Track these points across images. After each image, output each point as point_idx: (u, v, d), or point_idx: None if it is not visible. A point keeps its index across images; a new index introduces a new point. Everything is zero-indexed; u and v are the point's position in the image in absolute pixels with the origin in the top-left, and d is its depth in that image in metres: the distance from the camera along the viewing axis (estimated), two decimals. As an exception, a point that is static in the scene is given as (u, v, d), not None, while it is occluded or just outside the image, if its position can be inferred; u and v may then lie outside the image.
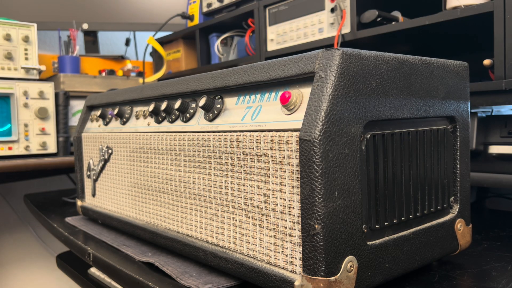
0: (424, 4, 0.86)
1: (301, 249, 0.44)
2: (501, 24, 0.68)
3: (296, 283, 0.44)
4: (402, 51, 0.62)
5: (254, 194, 0.49)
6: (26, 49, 1.24)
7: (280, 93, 0.48)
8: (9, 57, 1.21)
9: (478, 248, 0.65)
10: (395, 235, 0.50)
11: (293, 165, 0.44)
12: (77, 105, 1.36)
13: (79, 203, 0.91)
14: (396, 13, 0.91)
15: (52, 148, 1.27)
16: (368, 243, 0.46)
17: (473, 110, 0.80)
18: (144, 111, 0.72)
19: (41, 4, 1.58)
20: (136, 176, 0.71)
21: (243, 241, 0.51)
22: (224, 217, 0.54)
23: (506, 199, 1.02)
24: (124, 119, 0.75)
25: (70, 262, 1.06)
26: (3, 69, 1.21)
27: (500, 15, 0.68)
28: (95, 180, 0.84)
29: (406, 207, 0.51)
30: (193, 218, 0.59)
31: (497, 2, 0.68)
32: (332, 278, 0.42)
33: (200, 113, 0.59)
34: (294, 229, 0.45)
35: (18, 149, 1.19)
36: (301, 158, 0.42)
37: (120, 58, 1.59)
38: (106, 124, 0.81)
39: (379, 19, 0.87)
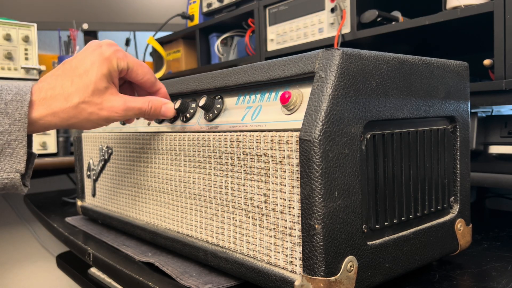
0: (424, 4, 0.86)
1: (301, 249, 0.44)
2: (501, 24, 0.68)
3: (296, 283, 0.44)
4: (402, 51, 0.62)
5: (254, 194, 0.49)
6: (26, 49, 1.24)
7: (280, 93, 0.48)
8: (9, 57, 1.21)
9: (478, 248, 0.65)
10: (395, 235, 0.50)
11: (293, 165, 0.44)
12: (77, 105, 1.36)
13: (79, 203, 0.91)
14: (396, 13, 0.91)
15: (52, 148, 1.27)
16: (368, 243, 0.46)
17: (473, 110, 0.80)
18: (144, 111, 0.71)
19: (41, 4, 1.58)
20: (136, 176, 0.71)
21: (243, 241, 0.51)
22: (224, 217, 0.54)
23: (506, 199, 1.02)
24: (124, 119, 0.75)
25: (70, 262, 1.06)
26: (3, 69, 1.21)
27: (500, 15, 0.68)
28: (95, 180, 0.84)
29: (406, 207, 0.51)
30: (193, 218, 0.59)
31: (497, 2, 0.68)
32: (332, 278, 0.42)
33: (200, 113, 0.59)
34: (294, 229, 0.45)
35: (18, 149, 1.19)
36: (301, 158, 0.42)
37: (120, 58, 1.58)
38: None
39: (379, 19, 0.87)
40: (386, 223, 0.49)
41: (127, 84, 0.64)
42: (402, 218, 0.51)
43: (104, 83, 0.55)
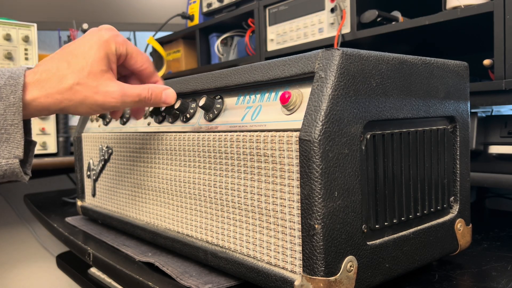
0: (424, 4, 0.86)
1: (301, 249, 0.44)
2: (501, 24, 0.68)
3: (296, 283, 0.44)
4: (402, 51, 0.62)
5: (254, 194, 0.49)
6: (26, 49, 1.24)
7: (280, 93, 0.48)
8: (9, 57, 1.21)
9: (478, 248, 0.65)
10: (395, 235, 0.50)
11: (293, 165, 0.44)
12: (77, 105, 1.36)
13: (79, 203, 0.91)
14: (396, 13, 0.91)
15: (52, 148, 1.27)
16: (368, 243, 0.46)
17: (473, 110, 0.80)
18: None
19: (41, 4, 1.58)
20: (136, 176, 0.71)
21: (243, 241, 0.51)
22: (224, 217, 0.54)
23: (506, 199, 1.02)
24: (124, 119, 0.75)
25: (70, 262, 1.06)
26: (3, 69, 1.21)
27: (500, 15, 0.68)
28: (95, 180, 0.84)
29: (406, 207, 0.51)
30: (193, 218, 0.59)
31: (497, 2, 0.68)
32: (332, 278, 0.42)
33: (200, 113, 0.59)
34: (294, 229, 0.45)
35: (18, 149, 1.19)
36: (301, 158, 0.42)
37: (120, 58, 1.58)
38: (106, 124, 0.81)
39: (379, 19, 0.87)
40: (386, 223, 0.49)
41: (122, 79, 0.63)
42: (402, 218, 0.51)
43: (100, 66, 0.53)
